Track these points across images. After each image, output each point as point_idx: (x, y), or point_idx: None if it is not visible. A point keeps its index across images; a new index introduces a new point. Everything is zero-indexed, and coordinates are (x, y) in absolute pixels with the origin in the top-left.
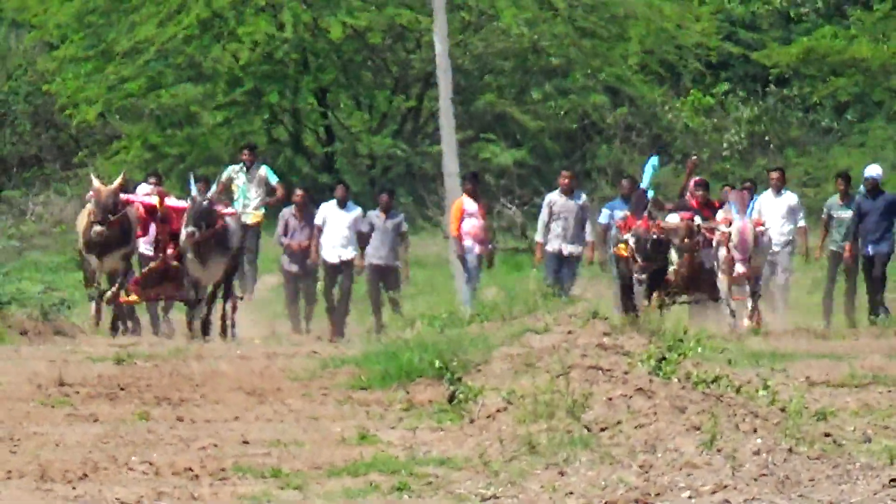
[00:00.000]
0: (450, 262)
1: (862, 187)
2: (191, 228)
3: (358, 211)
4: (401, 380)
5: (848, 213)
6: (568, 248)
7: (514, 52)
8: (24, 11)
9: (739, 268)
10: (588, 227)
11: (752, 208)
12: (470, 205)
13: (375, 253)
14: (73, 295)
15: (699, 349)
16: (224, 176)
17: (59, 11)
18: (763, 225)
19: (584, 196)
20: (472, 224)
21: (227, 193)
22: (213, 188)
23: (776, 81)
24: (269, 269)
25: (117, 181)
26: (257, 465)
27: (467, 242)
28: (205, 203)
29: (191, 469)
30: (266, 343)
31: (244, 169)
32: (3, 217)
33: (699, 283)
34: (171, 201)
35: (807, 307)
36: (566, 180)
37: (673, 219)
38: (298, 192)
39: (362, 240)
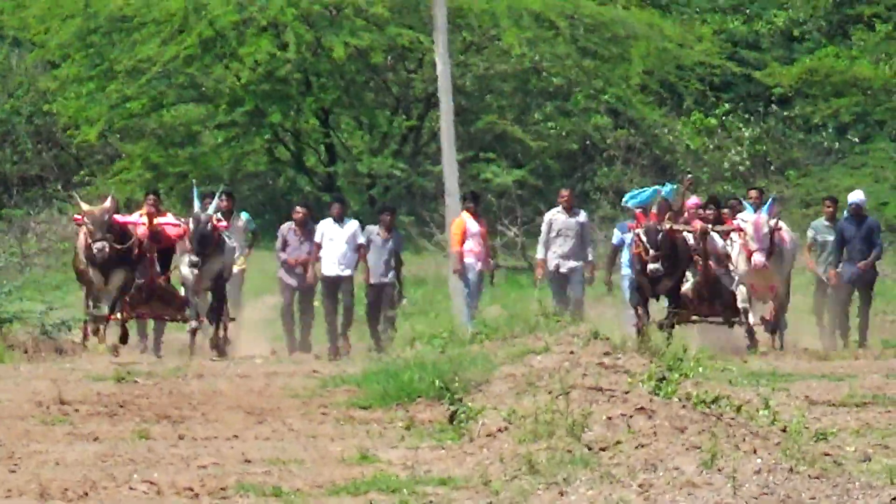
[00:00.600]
0: (449, 282)
1: (846, 212)
2: (195, 259)
3: (355, 224)
4: (401, 399)
5: (832, 237)
6: (567, 265)
7: (516, 72)
8: (25, 30)
9: (758, 257)
10: (590, 247)
11: (769, 205)
12: (471, 223)
13: (373, 271)
14: (74, 314)
15: (699, 369)
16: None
17: (61, 30)
18: (783, 232)
19: (583, 213)
20: (474, 242)
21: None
22: (214, 203)
23: (778, 101)
24: (269, 289)
25: (107, 202)
26: (258, 483)
27: (468, 260)
28: (208, 225)
29: (191, 488)
30: (266, 362)
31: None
32: (5, 235)
33: (715, 301)
34: (163, 219)
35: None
36: (565, 198)
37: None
38: (299, 209)
39: (361, 253)
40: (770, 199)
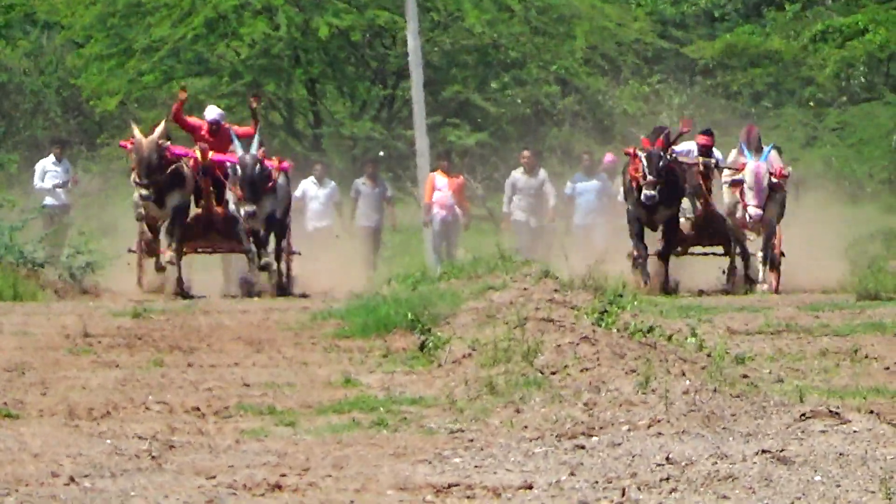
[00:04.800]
0: (422, 230)
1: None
2: (251, 208)
3: (332, 185)
4: (379, 331)
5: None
6: (533, 221)
7: (477, 48)
8: (54, 14)
9: (753, 211)
10: (552, 199)
11: (768, 152)
12: (440, 180)
13: (365, 217)
14: (96, 258)
15: (636, 303)
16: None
17: (85, 14)
18: (785, 177)
19: (542, 171)
20: (441, 195)
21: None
22: (255, 142)
23: (702, 72)
24: None
25: (158, 129)
26: (256, 404)
27: (436, 210)
28: (256, 165)
29: (198, 408)
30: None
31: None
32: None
33: (714, 233)
34: (217, 156)
35: None
36: (527, 158)
37: (688, 144)
38: (318, 166)
39: (347, 207)
40: (770, 147)
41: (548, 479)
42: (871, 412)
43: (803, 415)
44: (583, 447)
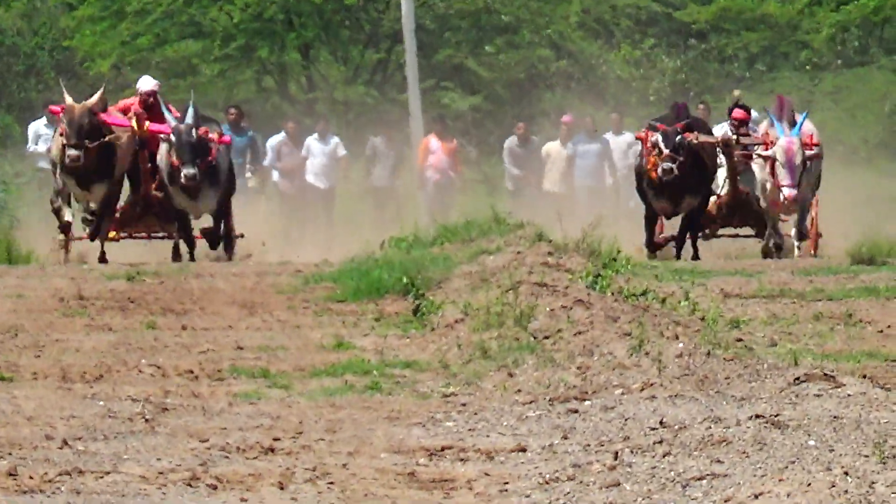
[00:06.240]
0: (416, 192)
1: None
2: (191, 171)
3: (336, 141)
4: (372, 294)
5: None
6: (525, 186)
7: (471, 11)
8: None
9: (788, 192)
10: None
11: (801, 123)
12: (434, 143)
13: (381, 176)
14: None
15: (629, 267)
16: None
17: None
18: (817, 145)
19: (534, 140)
20: (435, 159)
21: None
22: (190, 112)
23: (696, 36)
24: None
25: (95, 96)
26: (249, 367)
27: (429, 174)
28: (191, 130)
29: (192, 371)
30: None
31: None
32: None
33: (744, 214)
34: (154, 125)
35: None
36: (521, 129)
37: (722, 127)
38: (290, 123)
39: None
40: (804, 116)
41: (541, 443)
42: (865, 376)
43: (797, 378)
44: (576, 411)
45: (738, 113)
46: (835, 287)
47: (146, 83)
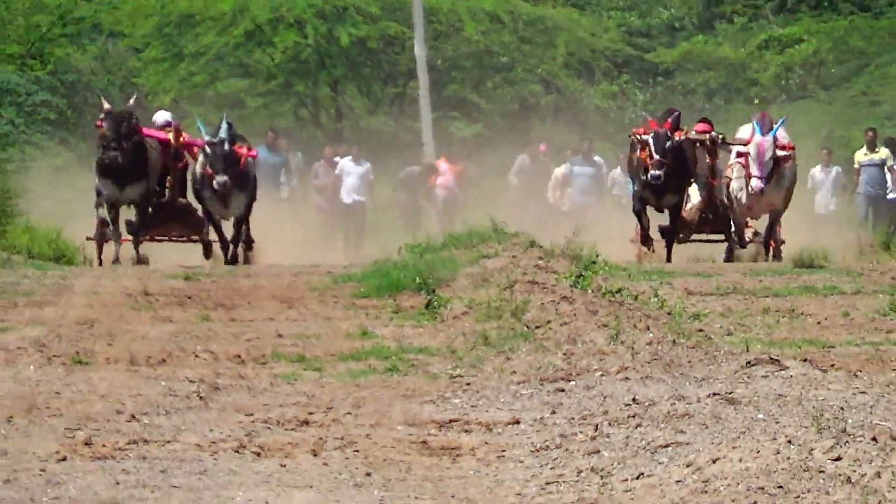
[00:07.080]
0: (428, 206)
1: None
2: (223, 178)
3: (368, 166)
4: (391, 291)
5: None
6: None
7: (474, 53)
8: (118, 25)
9: (756, 183)
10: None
11: (777, 128)
12: (442, 166)
13: (409, 198)
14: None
15: (607, 269)
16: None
17: (144, 24)
18: (792, 149)
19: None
20: (444, 179)
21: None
22: (224, 127)
23: (663, 74)
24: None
25: (129, 102)
26: (288, 352)
27: (437, 191)
28: (225, 146)
29: (239, 356)
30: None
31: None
32: None
33: (716, 220)
34: (188, 137)
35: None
36: (536, 151)
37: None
38: (328, 149)
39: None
40: (781, 121)
41: (532, 416)
42: (806, 360)
43: (748, 362)
44: (562, 390)
45: (699, 126)
46: (780, 286)
47: (161, 116)
